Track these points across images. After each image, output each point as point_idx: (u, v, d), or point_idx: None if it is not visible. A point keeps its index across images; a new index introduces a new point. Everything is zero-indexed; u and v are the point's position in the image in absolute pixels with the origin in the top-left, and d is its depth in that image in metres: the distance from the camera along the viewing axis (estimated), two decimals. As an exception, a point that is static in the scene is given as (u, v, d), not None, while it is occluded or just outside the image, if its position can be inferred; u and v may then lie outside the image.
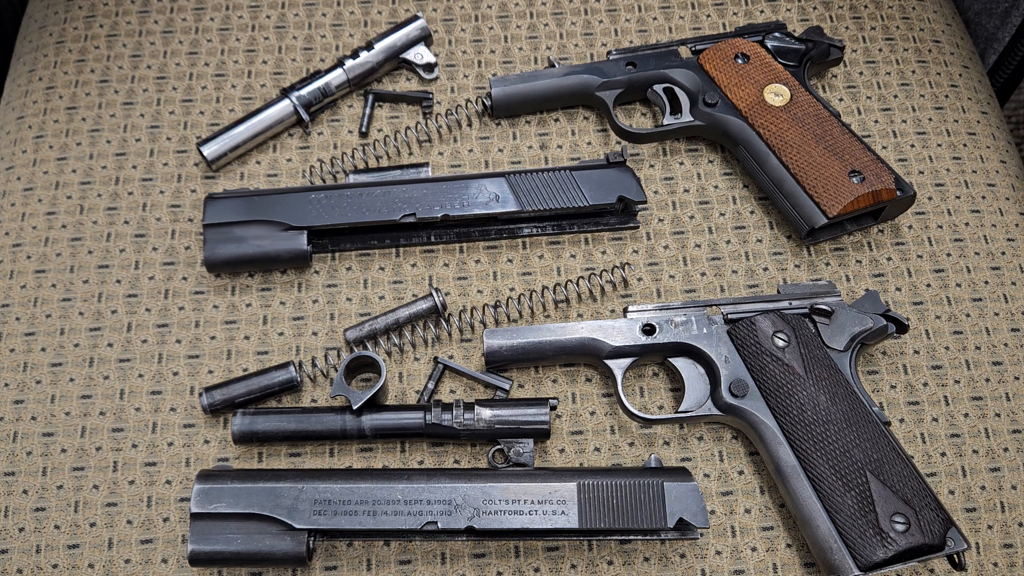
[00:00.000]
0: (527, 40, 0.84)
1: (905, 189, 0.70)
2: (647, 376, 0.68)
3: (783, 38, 0.78)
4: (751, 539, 0.62)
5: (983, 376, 0.69)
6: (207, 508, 0.57)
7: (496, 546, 0.62)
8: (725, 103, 0.75)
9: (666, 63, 0.78)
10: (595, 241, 0.74)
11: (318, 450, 0.65)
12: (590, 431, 0.66)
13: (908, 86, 0.82)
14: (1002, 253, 0.74)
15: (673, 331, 0.65)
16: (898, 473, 0.59)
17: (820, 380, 0.62)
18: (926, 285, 0.72)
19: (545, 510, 0.58)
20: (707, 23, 0.85)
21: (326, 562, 0.61)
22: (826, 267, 0.73)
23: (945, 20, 0.87)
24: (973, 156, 0.78)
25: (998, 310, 0.71)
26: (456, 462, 0.65)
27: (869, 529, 0.57)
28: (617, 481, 0.59)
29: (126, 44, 0.84)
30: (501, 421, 0.62)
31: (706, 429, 0.66)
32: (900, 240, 0.74)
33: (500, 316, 0.70)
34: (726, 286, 0.72)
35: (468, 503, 0.58)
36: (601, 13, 0.85)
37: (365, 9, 0.85)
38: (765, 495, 0.64)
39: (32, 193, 0.76)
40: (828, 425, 0.60)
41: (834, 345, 0.64)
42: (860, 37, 0.84)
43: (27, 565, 0.61)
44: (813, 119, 0.73)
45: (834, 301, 0.66)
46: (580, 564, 0.61)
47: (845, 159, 0.70)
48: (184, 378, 0.68)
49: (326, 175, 0.76)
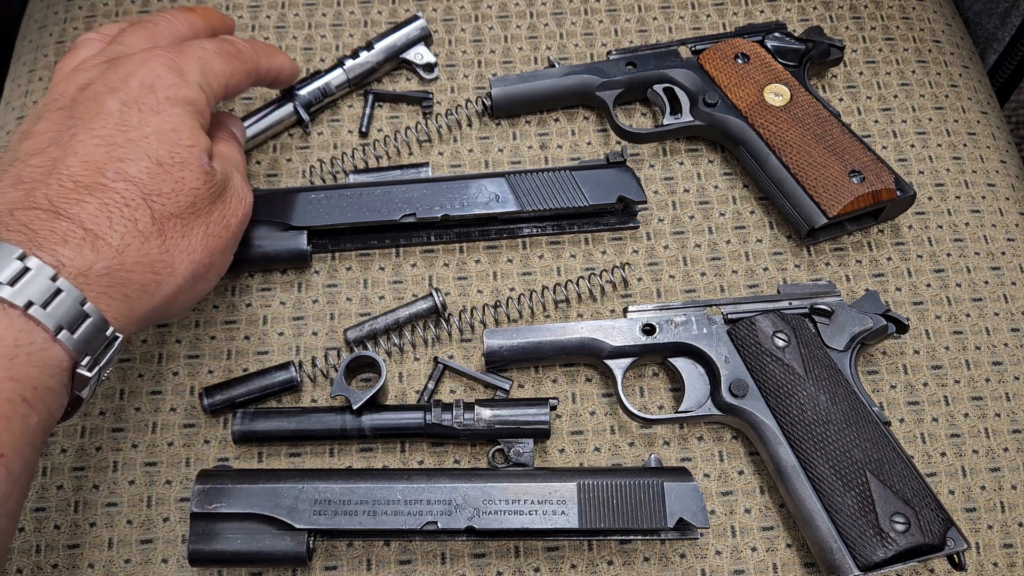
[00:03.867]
0: (527, 40, 0.84)
1: (905, 189, 0.70)
2: (647, 376, 0.68)
3: (783, 38, 0.78)
4: (751, 539, 0.62)
5: (983, 376, 0.69)
6: (207, 508, 0.57)
7: (496, 546, 0.62)
8: (725, 103, 0.75)
9: (666, 63, 0.78)
10: (595, 241, 0.74)
11: (318, 450, 0.65)
12: (590, 431, 0.66)
13: (908, 86, 0.82)
14: (1002, 253, 0.74)
15: (673, 331, 0.65)
16: (898, 473, 0.59)
17: (820, 380, 0.62)
18: (926, 285, 0.72)
19: (545, 510, 0.58)
20: (707, 23, 0.85)
21: (326, 562, 0.61)
22: (826, 267, 0.73)
23: (945, 20, 0.87)
24: (973, 156, 0.78)
25: (998, 310, 0.71)
26: (456, 462, 0.65)
27: (869, 529, 0.57)
28: (617, 481, 0.59)
29: (126, 44, 0.83)
30: (501, 421, 0.62)
31: (706, 429, 0.66)
32: (900, 240, 0.74)
33: (500, 316, 0.70)
34: (726, 286, 0.72)
35: (468, 503, 0.58)
36: (601, 13, 0.85)
37: (365, 9, 0.85)
38: (765, 495, 0.64)
39: (32, 193, 0.76)
40: (828, 425, 0.60)
41: (834, 345, 0.64)
42: (860, 37, 0.84)
43: (27, 565, 0.61)
44: (813, 119, 0.73)
45: (834, 301, 0.66)
46: (580, 564, 0.61)
47: (845, 159, 0.70)
48: (184, 378, 0.68)
49: (326, 175, 0.76)
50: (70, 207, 0.50)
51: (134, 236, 0.51)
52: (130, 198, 0.52)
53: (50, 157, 0.52)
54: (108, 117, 0.54)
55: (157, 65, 0.57)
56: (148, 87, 0.55)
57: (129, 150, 0.53)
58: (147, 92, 0.55)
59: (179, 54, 0.58)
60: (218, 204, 0.57)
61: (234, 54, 0.63)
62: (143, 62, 0.57)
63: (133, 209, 0.51)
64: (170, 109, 0.55)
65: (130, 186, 0.52)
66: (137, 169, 0.52)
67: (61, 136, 0.53)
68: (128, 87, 0.55)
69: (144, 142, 0.53)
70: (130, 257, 0.51)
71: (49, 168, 0.51)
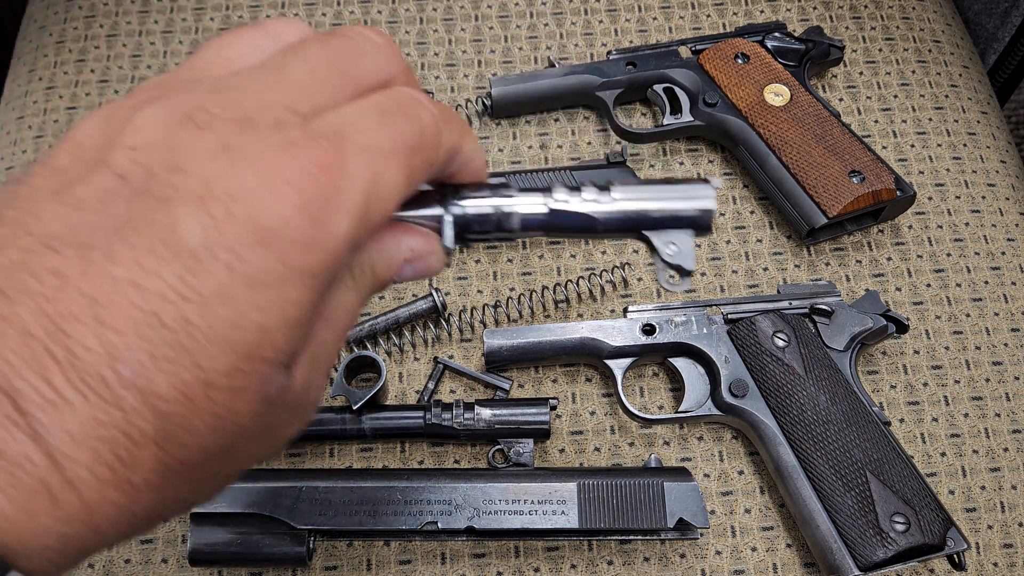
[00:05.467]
0: (527, 40, 0.84)
1: (905, 189, 0.70)
2: (647, 376, 0.68)
3: (783, 38, 0.78)
4: (751, 539, 0.62)
5: (983, 376, 0.69)
6: (207, 508, 0.57)
7: (496, 546, 0.62)
8: (725, 103, 0.75)
9: (666, 63, 0.78)
10: (595, 241, 0.74)
11: (318, 450, 0.65)
12: (590, 431, 0.66)
13: (908, 86, 0.82)
14: (1002, 253, 0.74)
15: (673, 331, 0.65)
16: (898, 473, 0.59)
17: (820, 380, 0.62)
18: (926, 285, 0.72)
19: (545, 510, 0.58)
20: (707, 23, 0.85)
21: (326, 562, 0.61)
22: (826, 267, 0.73)
23: (945, 20, 0.87)
24: (973, 156, 0.78)
25: (998, 310, 0.71)
26: (456, 462, 0.65)
27: (869, 529, 0.57)
28: (617, 481, 0.59)
29: (126, 44, 0.84)
30: (501, 421, 0.62)
31: (706, 429, 0.66)
32: (900, 240, 0.74)
33: (500, 316, 0.70)
34: (726, 286, 0.72)
35: (468, 503, 0.58)
36: (601, 13, 0.85)
37: (365, 8, 0.85)
38: (765, 495, 0.64)
39: (32, 193, 0.76)
40: (828, 425, 0.60)
41: (834, 345, 0.64)
42: (860, 37, 0.84)
43: (27, 565, 0.61)
44: (813, 119, 0.73)
45: (834, 301, 0.66)
46: (580, 564, 0.61)
47: (845, 159, 0.70)
48: (184, 378, 0.68)
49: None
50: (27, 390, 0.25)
51: (111, 490, 0.26)
52: (136, 427, 0.26)
53: (53, 272, 0.26)
54: (174, 252, 0.27)
55: (301, 183, 0.28)
56: (265, 233, 0.27)
57: (174, 338, 0.26)
58: (258, 245, 0.27)
59: (338, 152, 0.29)
60: (266, 429, 0.31)
61: (416, 146, 0.32)
62: (272, 173, 0.28)
63: (135, 447, 0.26)
64: (278, 288, 0.28)
65: (144, 405, 0.26)
66: (170, 382, 0.26)
67: (91, 238, 0.27)
68: (234, 217, 0.27)
69: (207, 334, 0.27)
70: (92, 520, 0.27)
71: (37, 300, 0.26)
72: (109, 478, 0.26)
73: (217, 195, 0.27)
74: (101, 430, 0.26)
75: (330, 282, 0.30)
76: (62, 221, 0.27)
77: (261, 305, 0.28)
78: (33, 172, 0.29)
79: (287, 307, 0.28)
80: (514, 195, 0.38)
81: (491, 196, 0.37)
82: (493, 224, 0.37)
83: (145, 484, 0.27)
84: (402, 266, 0.35)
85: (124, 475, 0.27)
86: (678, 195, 0.38)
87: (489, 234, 0.38)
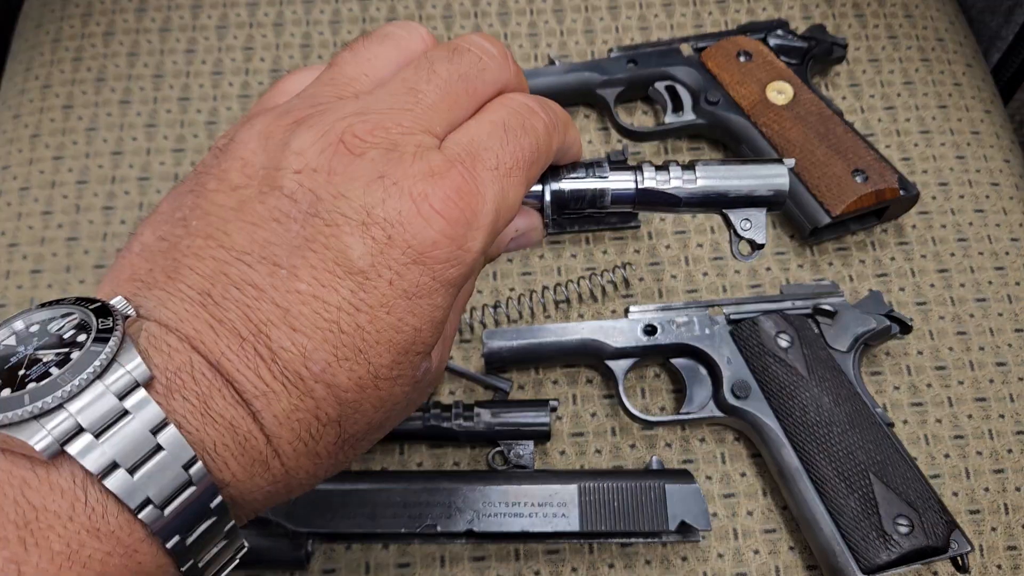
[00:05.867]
0: (527, 37, 0.83)
1: (909, 188, 0.70)
2: (648, 377, 0.68)
3: (786, 36, 0.77)
4: (753, 542, 0.62)
5: (987, 377, 0.68)
6: (204, 511, 0.57)
7: (496, 549, 0.61)
8: (727, 101, 0.75)
9: (668, 61, 0.77)
10: (596, 241, 0.73)
11: (316, 452, 0.65)
12: (591, 433, 0.66)
13: (911, 84, 0.81)
14: (1006, 253, 0.73)
15: (675, 332, 0.65)
16: (901, 475, 0.58)
17: (823, 381, 0.61)
18: (930, 285, 0.72)
19: (546, 512, 0.57)
20: (709, 20, 0.84)
21: (324, 565, 0.61)
22: (829, 267, 0.72)
23: (948, 18, 0.87)
24: (977, 155, 0.78)
25: (1002, 310, 0.71)
26: (455, 464, 0.65)
27: (872, 531, 0.56)
28: (618, 483, 0.58)
29: (123, 42, 0.83)
30: (501, 423, 0.62)
31: (708, 431, 0.66)
32: (904, 240, 0.74)
33: (500, 316, 0.69)
34: (728, 286, 0.72)
35: (468, 506, 0.57)
36: (602, 10, 0.85)
37: (363, 6, 0.85)
38: (768, 497, 0.63)
39: (28, 192, 0.75)
40: (831, 427, 0.59)
41: (837, 346, 0.63)
42: (863, 35, 0.84)
43: (23, 568, 0.60)
44: (816, 117, 0.72)
45: (837, 301, 0.65)
46: (581, 567, 0.61)
47: (848, 158, 0.70)
48: (181, 379, 0.67)
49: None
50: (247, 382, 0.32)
51: (304, 459, 0.34)
52: (324, 412, 0.34)
53: (252, 283, 0.33)
54: (346, 271, 0.33)
55: (446, 210, 0.34)
56: (418, 254, 0.34)
57: (351, 341, 0.33)
58: (413, 264, 0.34)
59: (472, 177, 0.35)
60: (411, 401, 0.39)
61: (533, 160, 0.38)
62: (422, 201, 0.34)
63: (322, 427, 0.34)
64: (428, 298, 0.34)
65: (330, 395, 0.33)
66: (349, 377, 0.33)
67: (275, 255, 0.33)
68: (392, 241, 0.33)
69: (375, 337, 0.34)
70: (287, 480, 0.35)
71: (246, 304, 0.32)
72: (303, 450, 0.34)
73: (377, 222, 0.33)
74: (298, 414, 0.33)
75: (462, 284, 0.37)
76: (248, 237, 0.33)
77: (415, 312, 0.34)
78: (208, 186, 0.35)
79: (435, 312, 0.35)
80: (607, 174, 0.42)
81: (586, 176, 0.42)
82: (588, 201, 0.42)
83: (327, 454, 0.35)
84: (508, 243, 0.41)
85: (313, 448, 0.34)
86: (754, 175, 0.41)
87: (584, 210, 0.42)
